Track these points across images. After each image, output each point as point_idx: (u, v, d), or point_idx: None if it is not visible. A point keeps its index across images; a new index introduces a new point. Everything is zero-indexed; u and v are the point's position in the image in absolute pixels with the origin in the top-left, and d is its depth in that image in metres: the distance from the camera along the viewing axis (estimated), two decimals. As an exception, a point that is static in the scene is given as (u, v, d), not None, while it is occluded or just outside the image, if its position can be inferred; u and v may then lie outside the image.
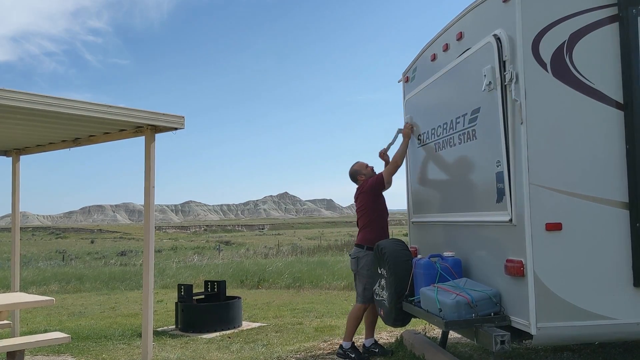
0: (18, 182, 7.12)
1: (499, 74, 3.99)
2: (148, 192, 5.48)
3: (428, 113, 5.46)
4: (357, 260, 5.65)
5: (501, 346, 3.72)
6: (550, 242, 3.78)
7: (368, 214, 5.70)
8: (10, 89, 4.39)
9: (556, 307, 3.76)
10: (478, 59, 4.28)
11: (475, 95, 4.33)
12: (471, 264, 4.61)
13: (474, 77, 4.30)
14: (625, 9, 3.85)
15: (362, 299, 5.62)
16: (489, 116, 4.17)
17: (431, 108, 5.40)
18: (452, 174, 5.02)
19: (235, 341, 6.75)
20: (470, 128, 4.48)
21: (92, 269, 19.72)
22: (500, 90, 3.99)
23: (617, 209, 3.84)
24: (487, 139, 4.22)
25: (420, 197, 5.82)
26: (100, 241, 67.51)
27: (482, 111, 4.29)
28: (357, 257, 5.65)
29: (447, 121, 4.90)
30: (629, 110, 3.84)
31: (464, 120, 4.57)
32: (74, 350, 6.40)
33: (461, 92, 4.66)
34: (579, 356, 5.19)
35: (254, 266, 16.92)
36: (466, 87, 4.52)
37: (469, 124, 4.50)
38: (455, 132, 4.75)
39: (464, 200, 4.73)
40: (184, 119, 5.51)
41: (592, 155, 3.87)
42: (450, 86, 4.92)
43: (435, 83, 5.20)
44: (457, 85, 4.75)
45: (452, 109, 4.80)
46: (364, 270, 5.57)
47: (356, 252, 5.70)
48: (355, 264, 5.67)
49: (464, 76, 4.58)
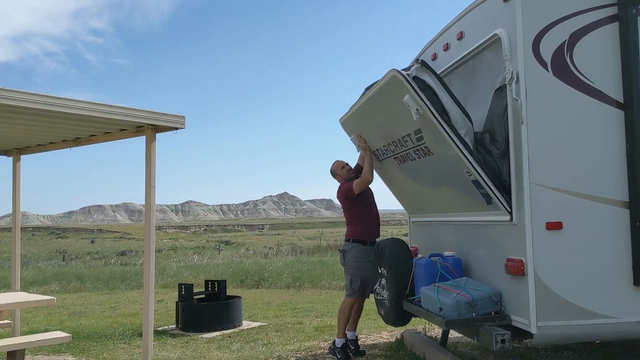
0: (19, 182, 7.12)
1: (420, 100, 4.00)
2: (149, 191, 5.48)
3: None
4: (344, 253, 5.72)
5: (502, 345, 3.73)
6: (550, 241, 3.78)
7: (349, 213, 5.77)
8: (11, 89, 4.40)
9: (556, 306, 3.76)
10: (392, 92, 4.27)
11: (410, 121, 4.26)
12: (471, 263, 4.61)
13: (400, 107, 4.25)
14: (625, 8, 3.85)
15: (350, 292, 5.64)
16: (434, 136, 4.17)
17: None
18: (433, 182, 4.95)
19: (235, 340, 6.76)
20: (421, 145, 4.45)
21: (92, 268, 19.72)
22: (431, 113, 4.00)
23: (618, 208, 3.85)
24: (444, 155, 4.20)
25: (412, 201, 5.81)
26: (101, 241, 67.52)
27: (424, 132, 4.28)
28: (344, 250, 5.72)
29: (395, 140, 4.85)
30: (629, 110, 3.84)
31: (411, 139, 4.54)
32: (74, 350, 6.41)
33: (396, 119, 4.59)
34: (579, 355, 5.20)
35: (254, 266, 16.93)
36: (397, 115, 4.46)
37: (417, 142, 4.47)
38: (409, 149, 4.71)
39: (457, 203, 4.72)
40: (184, 119, 5.51)
41: (592, 155, 3.87)
42: (380, 115, 4.88)
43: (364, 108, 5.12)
44: (387, 116, 4.72)
45: (396, 130, 4.75)
46: (351, 262, 5.61)
47: (343, 246, 5.78)
48: (342, 258, 5.73)
49: (390, 108, 4.55)
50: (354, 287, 5.60)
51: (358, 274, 5.58)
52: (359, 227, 5.67)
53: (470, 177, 4.09)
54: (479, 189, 4.09)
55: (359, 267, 5.57)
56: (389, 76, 4.23)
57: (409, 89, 4.04)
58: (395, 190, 5.93)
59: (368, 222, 5.71)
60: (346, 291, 5.74)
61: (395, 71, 4.15)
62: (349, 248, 5.67)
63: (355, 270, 5.58)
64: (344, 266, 5.75)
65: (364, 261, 5.57)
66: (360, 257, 5.59)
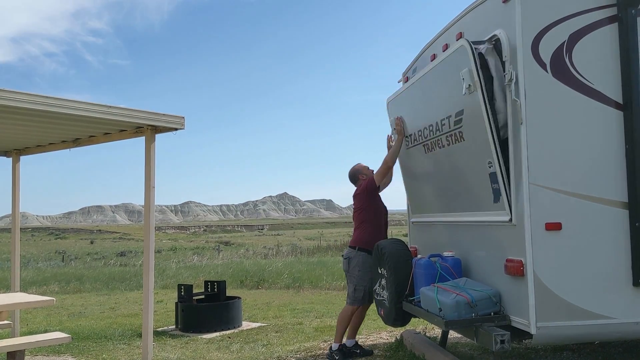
0: (18, 183, 7.12)
1: (477, 77, 3.98)
2: (148, 192, 5.48)
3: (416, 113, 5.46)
4: (348, 260, 5.60)
5: (501, 345, 3.73)
6: (549, 242, 3.79)
7: (362, 214, 5.66)
8: (11, 89, 4.40)
9: (556, 306, 3.77)
10: (455, 62, 4.26)
11: (457, 99, 4.29)
12: (471, 263, 4.62)
13: (454, 81, 4.27)
14: (625, 9, 3.86)
15: (352, 300, 5.56)
16: (474, 117, 4.16)
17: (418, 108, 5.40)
18: (447, 176, 5.00)
19: (235, 341, 6.76)
20: (456, 130, 4.47)
21: (92, 269, 19.73)
22: (481, 92, 3.98)
23: (617, 208, 3.85)
24: (475, 140, 4.21)
25: (418, 198, 5.82)
26: (100, 242, 67.51)
27: (465, 113, 4.29)
28: (349, 257, 5.60)
29: (433, 123, 4.88)
30: (628, 111, 3.85)
31: (449, 122, 4.55)
32: (74, 351, 6.41)
33: (444, 95, 4.62)
34: (578, 356, 5.20)
35: (254, 266, 16.93)
36: (448, 90, 4.48)
37: (454, 126, 4.48)
38: (442, 134, 4.74)
39: (462, 201, 4.74)
40: (184, 120, 5.52)
41: (591, 155, 3.87)
42: (432, 89, 4.89)
43: (416, 85, 5.18)
44: (439, 89, 4.72)
45: (438, 111, 4.77)
46: (355, 271, 5.52)
47: (348, 252, 5.66)
48: (346, 265, 5.62)
49: (445, 80, 4.56)
50: (357, 296, 5.53)
51: (362, 283, 5.49)
52: (366, 234, 5.56)
53: (491, 168, 4.07)
54: (492, 183, 4.08)
55: (363, 277, 5.49)
56: (458, 45, 4.17)
57: (471, 60, 3.98)
58: (408, 183, 5.94)
59: (377, 229, 5.59)
60: (348, 299, 5.65)
61: (465, 41, 4.09)
62: (353, 256, 5.57)
63: (359, 279, 5.50)
64: (347, 274, 5.66)
65: (369, 270, 5.47)
66: (365, 266, 5.49)
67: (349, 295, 5.65)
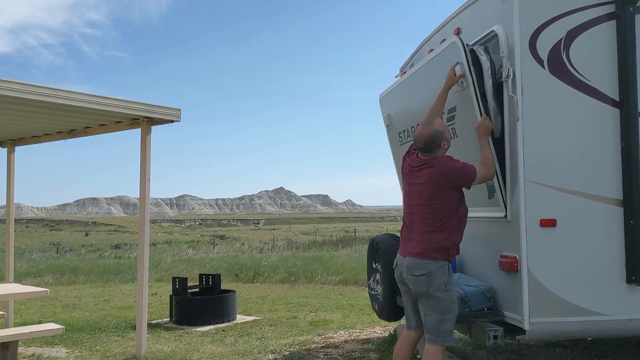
0: (13, 173, 7.10)
1: (469, 74, 3.96)
2: (144, 184, 5.48)
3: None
4: (429, 277, 3.66)
5: (494, 341, 3.74)
6: (544, 238, 3.79)
7: (446, 210, 3.73)
8: (6, 79, 4.38)
9: (549, 302, 3.78)
10: (447, 59, 4.24)
11: (449, 95, 4.24)
12: (465, 259, 4.63)
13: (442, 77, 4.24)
14: (623, 6, 3.85)
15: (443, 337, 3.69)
16: (467, 114, 4.15)
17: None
18: None
19: (229, 334, 6.76)
20: (449, 126, 4.42)
21: (86, 261, 19.70)
22: (474, 89, 3.96)
23: (611, 205, 3.86)
24: (469, 137, 4.18)
25: None
26: (95, 234, 67.40)
27: (458, 110, 4.28)
28: (430, 272, 3.67)
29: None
30: (624, 108, 3.85)
31: (442, 118, 4.51)
32: (67, 342, 6.40)
33: (436, 92, 4.52)
34: (571, 352, 5.23)
35: (249, 260, 16.94)
36: (440, 87, 4.39)
37: (447, 122, 4.44)
38: None
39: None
40: (180, 112, 5.51)
41: (587, 152, 3.88)
42: (424, 86, 4.87)
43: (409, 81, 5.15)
44: (431, 86, 4.65)
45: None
46: (441, 292, 3.67)
47: (426, 264, 3.68)
48: (426, 284, 3.67)
49: (437, 76, 4.51)
50: (447, 330, 3.70)
51: (452, 308, 3.73)
52: (452, 239, 3.77)
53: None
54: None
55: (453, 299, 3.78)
56: (450, 41, 4.16)
57: (464, 57, 3.97)
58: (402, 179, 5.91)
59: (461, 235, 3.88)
60: (429, 334, 3.72)
61: (457, 37, 4.10)
62: (436, 270, 3.69)
63: (449, 303, 3.72)
64: (425, 295, 3.71)
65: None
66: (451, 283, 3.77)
67: (430, 329, 3.72)
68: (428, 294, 3.67)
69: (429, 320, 3.70)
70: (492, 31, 4.05)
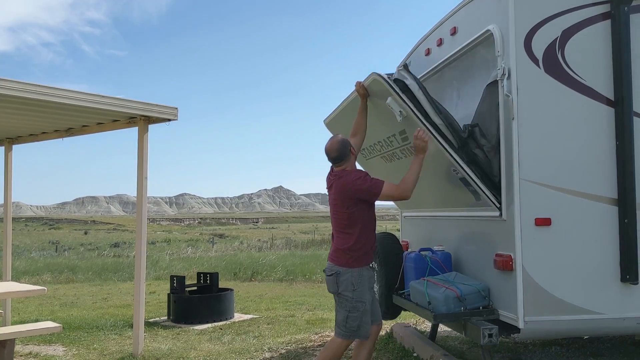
0: (11, 172, 7.11)
1: (402, 102, 3.97)
2: (141, 183, 5.49)
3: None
4: (337, 277, 4.04)
5: (489, 339, 3.75)
6: (539, 237, 3.81)
7: (351, 218, 4.05)
8: (3, 78, 4.39)
9: (544, 301, 3.79)
10: (377, 94, 4.20)
11: (395, 123, 4.22)
12: (461, 258, 4.64)
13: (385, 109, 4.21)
14: (617, 6, 3.86)
15: (349, 333, 4.04)
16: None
17: None
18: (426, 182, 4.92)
19: (226, 333, 6.78)
20: (407, 145, 4.46)
21: (85, 260, 19.71)
22: (414, 114, 3.97)
23: (606, 204, 3.87)
24: (430, 153, 4.14)
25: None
26: (94, 232, 67.40)
27: (408, 132, 4.27)
28: (337, 273, 4.04)
29: (381, 140, 4.84)
30: (619, 107, 3.86)
31: (397, 139, 4.55)
32: (65, 340, 6.41)
33: (381, 120, 4.52)
34: (567, 351, 5.24)
35: (248, 259, 16.96)
36: (382, 117, 4.42)
37: (402, 142, 4.49)
38: (395, 148, 4.73)
39: (448, 199, 4.72)
40: (177, 111, 5.52)
41: (582, 152, 3.89)
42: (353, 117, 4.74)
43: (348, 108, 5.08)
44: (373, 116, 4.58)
45: (381, 132, 4.73)
46: (350, 293, 4.00)
47: (334, 267, 4.07)
48: (335, 283, 4.05)
49: (376, 108, 4.45)
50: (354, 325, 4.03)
51: (359, 307, 4.03)
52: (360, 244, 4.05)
53: (458, 175, 4.10)
54: (467, 185, 4.11)
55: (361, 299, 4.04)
56: (371, 79, 4.19)
57: (391, 91, 4.01)
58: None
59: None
60: (341, 330, 4.07)
61: (375, 74, 4.12)
62: (344, 271, 4.02)
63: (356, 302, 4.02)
64: (339, 296, 4.08)
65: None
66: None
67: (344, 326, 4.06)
68: (338, 292, 4.04)
69: (338, 316, 4.11)
70: (488, 30, 4.07)
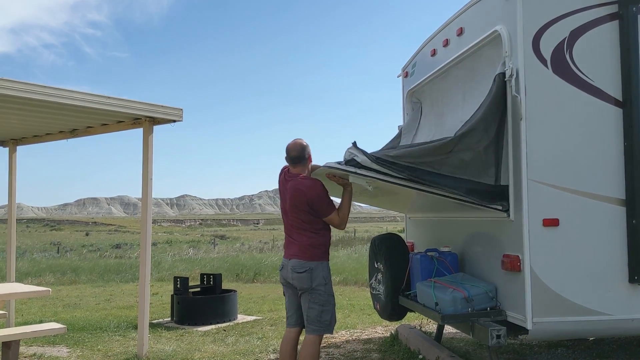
0: (15, 173, 7.10)
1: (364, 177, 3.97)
2: (146, 184, 5.48)
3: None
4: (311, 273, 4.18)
5: (497, 340, 3.74)
6: (547, 238, 3.80)
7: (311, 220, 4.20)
8: (8, 79, 4.39)
9: (552, 302, 3.78)
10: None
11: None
12: (468, 259, 4.62)
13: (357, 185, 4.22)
14: (626, 7, 3.86)
15: (324, 327, 4.22)
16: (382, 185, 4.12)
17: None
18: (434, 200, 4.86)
19: (230, 334, 6.76)
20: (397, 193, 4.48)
21: (87, 261, 19.68)
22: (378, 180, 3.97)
23: (614, 205, 3.86)
24: (387, 192, 4.21)
25: (412, 207, 5.79)
26: (95, 234, 67.37)
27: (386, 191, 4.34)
28: (311, 269, 4.17)
29: None
30: (627, 108, 3.85)
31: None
32: (69, 341, 6.40)
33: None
34: (573, 352, 5.22)
35: (250, 260, 16.94)
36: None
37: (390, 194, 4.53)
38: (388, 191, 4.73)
39: (452, 205, 4.70)
40: (182, 112, 5.51)
41: (590, 152, 3.88)
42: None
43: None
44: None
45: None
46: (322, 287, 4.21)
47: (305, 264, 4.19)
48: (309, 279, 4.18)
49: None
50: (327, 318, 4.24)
51: (330, 300, 4.25)
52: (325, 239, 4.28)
53: (453, 200, 4.07)
54: (464, 202, 4.07)
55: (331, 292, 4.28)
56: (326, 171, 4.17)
57: (348, 173, 4.01)
58: (390, 207, 5.99)
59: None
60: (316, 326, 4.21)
61: (326, 167, 4.12)
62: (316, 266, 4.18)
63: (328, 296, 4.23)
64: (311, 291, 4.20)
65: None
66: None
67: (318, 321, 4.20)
68: (311, 288, 4.16)
69: (312, 313, 4.20)
70: (495, 30, 4.06)
